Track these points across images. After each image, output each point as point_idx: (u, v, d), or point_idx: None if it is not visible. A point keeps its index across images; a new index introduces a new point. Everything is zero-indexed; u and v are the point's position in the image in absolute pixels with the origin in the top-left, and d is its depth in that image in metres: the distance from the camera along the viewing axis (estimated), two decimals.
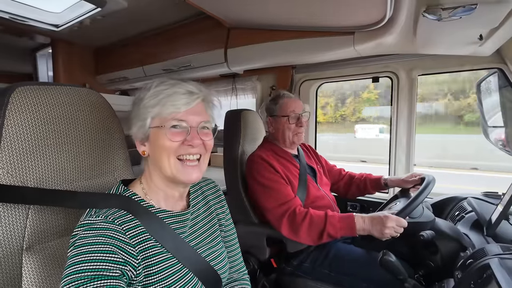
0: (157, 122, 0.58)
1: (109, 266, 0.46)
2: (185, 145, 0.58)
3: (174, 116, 0.57)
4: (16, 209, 0.56)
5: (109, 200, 0.57)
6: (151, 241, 0.56)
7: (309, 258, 1.14)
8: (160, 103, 0.57)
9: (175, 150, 0.58)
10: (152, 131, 0.59)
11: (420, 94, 1.93)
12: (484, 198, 1.19)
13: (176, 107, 0.57)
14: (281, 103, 1.27)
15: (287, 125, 1.25)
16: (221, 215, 0.78)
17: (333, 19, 1.29)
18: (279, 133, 1.27)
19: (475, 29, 0.96)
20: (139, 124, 0.59)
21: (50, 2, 1.79)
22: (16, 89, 0.57)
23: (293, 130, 1.25)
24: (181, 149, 0.58)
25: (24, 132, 0.57)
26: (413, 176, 1.25)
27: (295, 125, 1.25)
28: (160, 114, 0.57)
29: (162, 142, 0.57)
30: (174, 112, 0.57)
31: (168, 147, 0.57)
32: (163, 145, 0.57)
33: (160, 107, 0.57)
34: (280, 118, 1.26)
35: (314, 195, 1.21)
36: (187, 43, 1.88)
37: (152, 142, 0.59)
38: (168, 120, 0.57)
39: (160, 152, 0.58)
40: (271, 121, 1.31)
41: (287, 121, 1.25)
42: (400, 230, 0.96)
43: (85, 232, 0.49)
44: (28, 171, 0.58)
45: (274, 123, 1.30)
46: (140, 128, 0.60)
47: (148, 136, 0.60)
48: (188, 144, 0.58)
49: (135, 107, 0.61)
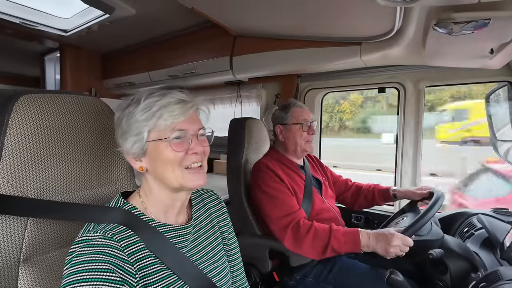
0: (156, 135, 0.56)
1: (106, 285, 0.44)
2: (189, 154, 0.57)
3: (174, 126, 0.56)
4: (15, 219, 0.55)
5: (109, 214, 0.55)
6: (151, 258, 0.54)
7: (313, 272, 1.11)
8: (155, 115, 0.55)
9: (180, 161, 0.57)
10: (151, 144, 0.56)
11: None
12: (494, 214, 1.16)
13: (174, 117, 0.55)
14: (293, 111, 1.28)
15: (299, 133, 1.25)
16: (223, 228, 0.76)
17: (341, 29, 1.28)
18: (290, 141, 1.27)
19: (486, 43, 0.94)
20: (133, 139, 0.56)
21: (59, 8, 1.83)
22: (20, 98, 0.56)
23: (304, 137, 1.25)
24: (186, 159, 0.57)
25: (26, 141, 0.56)
26: (422, 189, 1.22)
27: (306, 133, 1.25)
28: (157, 126, 0.55)
29: (166, 155, 0.56)
30: (173, 122, 0.56)
31: (173, 159, 0.56)
32: (167, 158, 0.56)
33: (156, 119, 0.55)
34: (291, 126, 1.26)
35: (319, 207, 1.19)
36: (193, 50, 1.89)
37: (152, 156, 0.57)
38: (168, 132, 0.56)
39: (164, 165, 0.57)
40: (281, 129, 1.29)
41: (299, 129, 1.25)
42: (406, 249, 0.93)
43: (83, 249, 0.48)
44: (29, 181, 0.57)
45: (284, 131, 1.29)
46: (135, 143, 0.57)
47: (145, 151, 0.57)
48: (192, 153, 0.57)
49: (124, 123, 0.57)
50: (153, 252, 0.55)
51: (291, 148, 1.27)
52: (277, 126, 1.30)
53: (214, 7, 1.37)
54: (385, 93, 1.65)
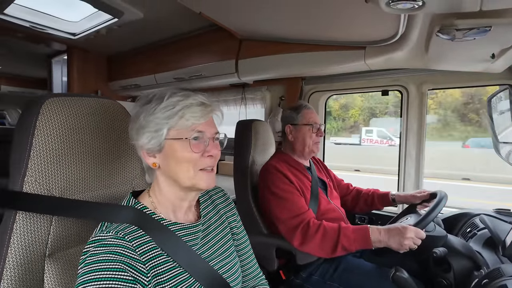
0: (175, 134, 0.57)
1: (118, 285, 0.46)
2: (204, 157, 0.59)
3: (194, 127, 0.58)
4: (42, 217, 0.58)
5: (122, 213, 0.57)
6: (163, 257, 0.56)
7: (319, 270, 1.14)
8: (178, 115, 0.56)
9: (195, 162, 0.58)
10: (168, 142, 0.58)
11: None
12: (496, 215, 1.18)
13: (196, 118, 0.57)
14: (304, 112, 1.31)
15: (309, 133, 1.28)
16: (233, 223, 0.77)
17: (345, 34, 1.31)
18: (299, 141, 1.30)
19: (488, 48, 0.97)
20: (150, 135, 0.57)
21: (68, 12, 1.86)
22: (47, 100, 0.60)
23: (313, 139, 1.29)
24: (201, 161, 0.59)
25: (52, 141, 0.59)
26: (421, 192, 1.25)
27: (315, 135, 1.29)
28: (178, 125, 0.57)
29: (182, 154, 0.57)
30: (194, 123, 0.57)
31: (189, 158, 0.58)
32: (183, 157, 0.57)
33: (178, 119, 0.56)
34: (301, 127, 1.29)
35: (325, 208, 1.21)
36: (199, 53, 1.92)
37: (167, 153, 0.58)
38: (188, 132, 0.57)
39: (179, 164, 0.58)
40: (291, 129, 1.32)
41: (309, 130, 1.28)
42: (419, 241, 0.94)
43: (96, 249, 0.49)
44: (54, 180, 0.60)
45: (294, 132, 1.32)
46: (152, 139, 0.58)
47: (162, 148, 0.59)
48: (208, 155, 0.59)
49: (143, 118, 0.58)
50: (164, 250, 0.56)
51: (299, 148, 1.30)
52: (287, 126, 1.33)
53: (221, 11, 1.40)
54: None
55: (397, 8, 0.75)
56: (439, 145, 9.80)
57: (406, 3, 0.71)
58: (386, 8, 0.76)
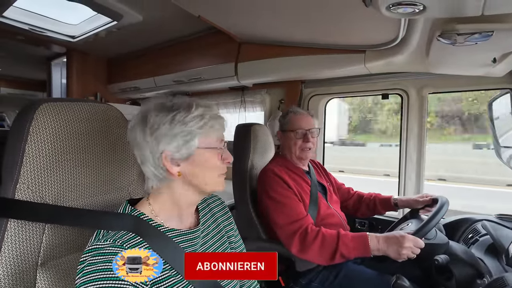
0: (206, 143, 0.60)
1: None
2: (224, 163, 0.64)
3: (220, 137, 0.63)
4: (34, 225, 0.57)
5: (119, 220, 0.57)
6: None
7: (319, 277, 1.12)
8: (207, 125, 0.59)
9: (220, 168, 0.64)
10: (199, 151, 0.60)
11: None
12: (498, 221, 1.16)
13: (221, 129, 0.63)
14: (291, 117, 1.29)
15: (293, 140, 1.26)
16: (230, 232, 0.77)
17: (345, 37, 1.31)
18: (286, 147, 1.30)
19: (489, 52, 0.96)
20: (179, 143, 0.57)
21: (68, 15, 1.86)
22: (41, 105, 0.58)
23: (299, 145, 1.25)
24: (223, 167, 0.64)
25: (45, 147, 0.58)
26: (424, 197, 1.23)
27: (302, 141, 1.25)
28: (208, 135, 0.60)
29: (213, 162, 0.62)
30: (219, 134, 0.63)
31: (217, 166, 0.63)
32: (214, 165, 0.62)
33: (208, 129, 0.60)
34: (288, 133, 1.28)
35: (324, 213, 1.19)
36: (199, 56, 1.92)
37: (196, 162, 0.60)
38: (217, 142, 0.62)
39: (209, 171, 0.62)
40: (281, 135, 1.32)
41: (295, 136, 1.26)
42: (417, 251, 0.93)
43: (93, 258, 0.49)
44: (47, 187, 0.58)
45: (282, 138, 1.32)
46: (181, 148, 0.58)
47: (190, 156, 0.59)
48: (226, 162, 0.64)
49: (166, 126, 0.57)
50: (163, 257, 0.55)
51: (288, 153, 1.30)
52: (278, 132, 1.34)
53: (220, 15, 1.40)
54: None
55: (397, 12, 0.74)
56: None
57: (406, 7, 0.70)
58: (386, 12, 0.75)
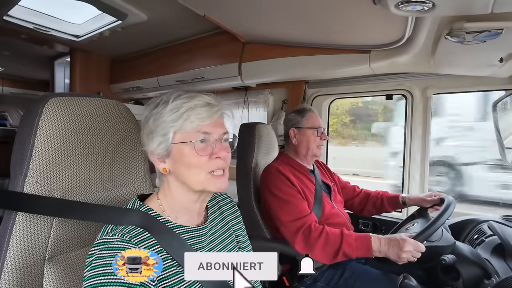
0: (181, 137, 0.56)
1: None
2: (213, 159, 0.57)
3: (200, 129, 0.56)
4: (42, 219, 0.56)
5: (128, 215, 0.56)
6: (168, 261, 0.55)
7: (323, 277, 1.11)
8: (182, 117, 0.55)
9: (204, 165, 0.57)
10: (176, 146, 0.56)
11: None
12: (504, 222, 1.16)
13: (201, 120, 0.55)
14: (309, 116, 1.31)
15: (313, 137, 1.28)
16: (238, 231, 0.77)
17: (350, 37, 1.31)
18: (303, 145, 1.29)
19: (497, 52, 0.96)
20: (159, 140, 0.56)
21: (72, 14, 1.86)
22: (50, 100, 0.58)
23: (317, 142, 1.29)
24: (210, 164, 0.57)
25: (54, 142, 0.58)
26: (432, 196, 1.22)
27: (319, 139, 1.29)
28: (183, 128, 0.55)
29: (190, 158, 0.56)
30: (199, 125, 0.56)
31: (197, 162, 0.56)
32: (190, 162, 0.56)
33: (183, 121, 0.55)
34: (306, 130, 1.29)
35: (329, 212, 1.19)
36: (203, 56, 1.91)
37: (176, 158, 0.57)
38: (194, 134, 0.56)
39: (188, 168, 0.57)
40: (295, 132, 1.31)
41: (313, 134, 1.28)
42: (418, 255, 0.93)
43: (102, 252, 0.49)
44: (56, 181, 0.58)
45: (298, 135, 1.31)
46: (160, 144, 0.57)
47: (170, 152, 0.57)
48: (216, 157, 0.57)
49: (151, 122, 0.57)
50: (170, 254, 0.55)
51: (302, 152, 1.29)
52: (291, 129, 1.31)
53: (225, 14, 1.40)
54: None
55: (406, 10, 0.74)
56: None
57: (415, 5, 0.70)
58: (395, 10, 0.75)
